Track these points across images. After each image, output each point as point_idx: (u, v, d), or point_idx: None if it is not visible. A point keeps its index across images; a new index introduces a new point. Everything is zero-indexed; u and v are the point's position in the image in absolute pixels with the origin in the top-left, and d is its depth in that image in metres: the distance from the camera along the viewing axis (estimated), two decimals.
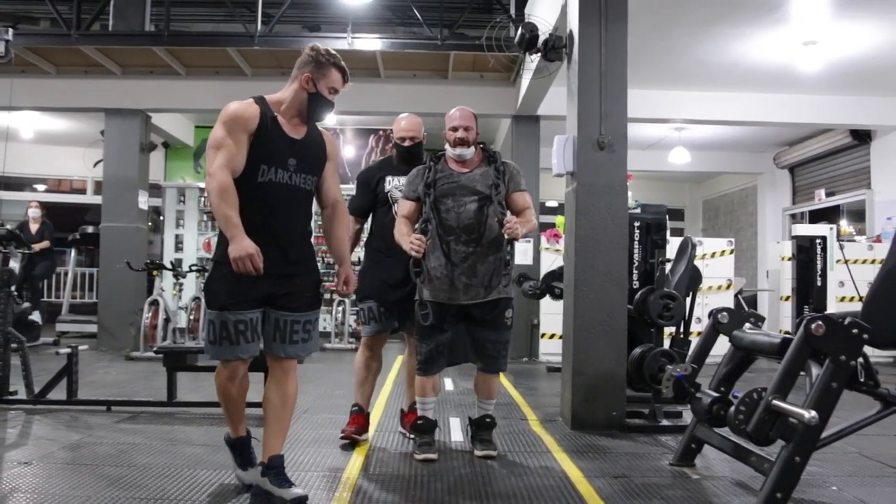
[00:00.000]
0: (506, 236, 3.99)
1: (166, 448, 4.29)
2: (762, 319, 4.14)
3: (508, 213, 4.16)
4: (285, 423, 3.41)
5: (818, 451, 3.63)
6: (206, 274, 3.26)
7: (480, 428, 4.33)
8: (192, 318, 9.37)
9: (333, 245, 3.56)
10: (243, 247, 3.02)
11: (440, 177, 4.20)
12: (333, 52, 3.41)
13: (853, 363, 3.19)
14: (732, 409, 3.34)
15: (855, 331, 3.18)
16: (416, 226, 4.18)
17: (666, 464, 4.14)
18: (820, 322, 3.19)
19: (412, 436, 4.46)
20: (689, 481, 3.82)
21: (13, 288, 5.82)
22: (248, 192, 3.16)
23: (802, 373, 3.34)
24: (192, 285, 10.50)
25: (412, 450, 4.25)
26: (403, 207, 4.28)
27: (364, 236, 4.94)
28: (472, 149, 4.22)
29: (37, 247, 10.10)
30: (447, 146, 4.25)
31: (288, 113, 3.33)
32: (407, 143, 4.58)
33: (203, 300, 3.30)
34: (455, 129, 4.20)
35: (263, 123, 3.22)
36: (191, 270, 9.71)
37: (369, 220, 4.75)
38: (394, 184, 4.56)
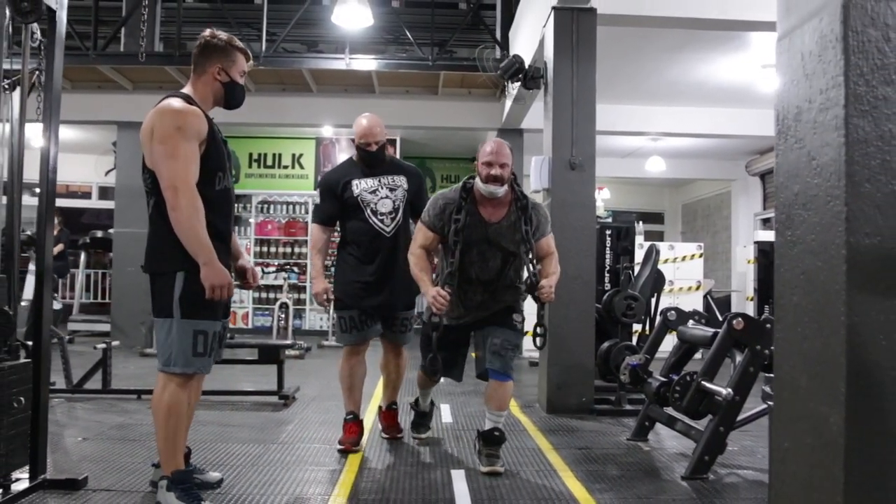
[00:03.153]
0: (541, 299, 3.92)
1: (197, 427, 4.97)
2: (704, 317, 4.89)
3: (539, 265, 4.03)
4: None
5: (755, 427, 4.42)
6: (179, 283, 3.06)
7: (488, 443, 4.03)
8: None
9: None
10: (224, 275, 3.01)
11: (467, 223, 3.97)
12: (228, 35, 3.23)
13: (767, 351, 3.93)
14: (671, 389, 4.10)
15: (768, 325, 3.93)
16: (441, 272, 4.08)
17: (624, 439, 4.88)
18: (740, 318, 3.95)
19: (386, 435, 4.67)
20: (641, 451, 4.58)
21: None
22: (210, 202, 3.05)
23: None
24: None
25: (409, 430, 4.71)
26: (422, 236, 4.08)
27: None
28: (505, 187, 3.96)
29: (54, 250, 10.79)
30: (477, 179, 3.97)
31: (207, 108, 3.18)
32: (372, 148, 4.38)
33: (183, 309, 3.07)
34: (489, 165, 3.90)
35: (211, 129, 3.10)
36: None
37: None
38: (362, 187, 4.38)
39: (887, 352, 1.70)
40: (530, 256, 3.98)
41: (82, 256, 12.71)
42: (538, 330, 4.10)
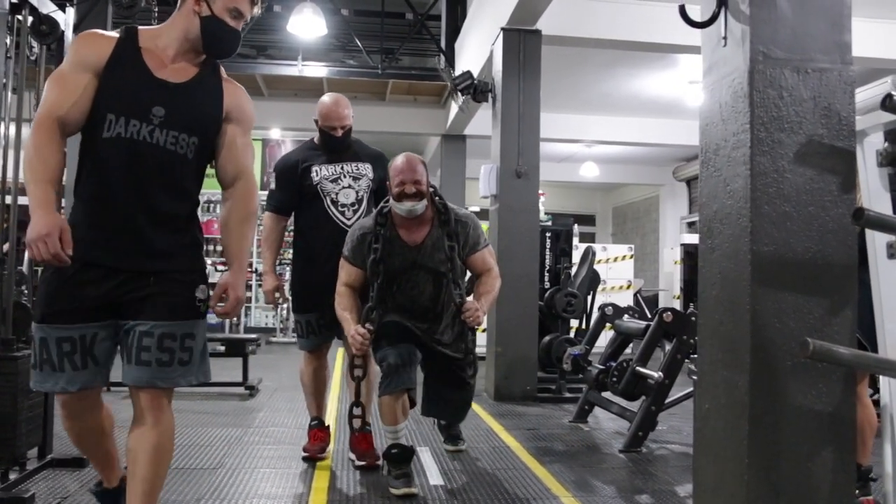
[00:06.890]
0: (467, 322, 3.47)
1: (178, 415, 5.33)
2: (638, 312, 5.50)
3: (467, 275, 3.83)
4: (159, 480, 2.40)
5: (681, 410, 5.01)
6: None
7: (449, 424, 4.46)
8: None
9: (225, 239, 2.55)
10: (37, 227, 2.05)
11: (389, 251, 3.55)
12: None
13: (692, 341, 4.53)
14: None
15: (693, 319, 4.52)
16: (366, 308, 3.58)
17: (566, 422, 5.45)
18: (669, 312, 4.55)
19: (361, 462, 3.95)
20: (582, 431, 5.16)
21: None
22: (90, 152, 2.30)
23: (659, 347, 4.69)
24: None
25: (386, 482, 3.58)
26: (345, 273, 3.62)
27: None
28: (424, 202, 3.51)
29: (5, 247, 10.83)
30: (392, 200, 3.53)
31: (169, 47, 2.34)
32: (338, 133, 3.95)
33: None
34: (402, 184, 3.46)
35: (116, 57, 2.27)
36: None
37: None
38: (323, 174, 3.92)
39: (780, 332, 2.26)
40: (451, 276, 3.57)
41: (26, 255, 12.67)
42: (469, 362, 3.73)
